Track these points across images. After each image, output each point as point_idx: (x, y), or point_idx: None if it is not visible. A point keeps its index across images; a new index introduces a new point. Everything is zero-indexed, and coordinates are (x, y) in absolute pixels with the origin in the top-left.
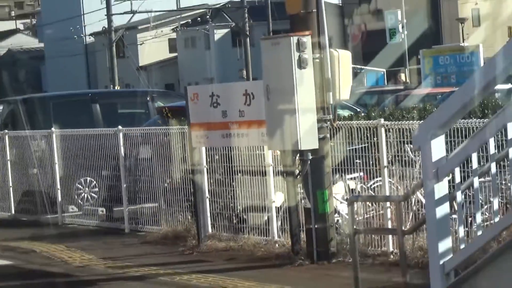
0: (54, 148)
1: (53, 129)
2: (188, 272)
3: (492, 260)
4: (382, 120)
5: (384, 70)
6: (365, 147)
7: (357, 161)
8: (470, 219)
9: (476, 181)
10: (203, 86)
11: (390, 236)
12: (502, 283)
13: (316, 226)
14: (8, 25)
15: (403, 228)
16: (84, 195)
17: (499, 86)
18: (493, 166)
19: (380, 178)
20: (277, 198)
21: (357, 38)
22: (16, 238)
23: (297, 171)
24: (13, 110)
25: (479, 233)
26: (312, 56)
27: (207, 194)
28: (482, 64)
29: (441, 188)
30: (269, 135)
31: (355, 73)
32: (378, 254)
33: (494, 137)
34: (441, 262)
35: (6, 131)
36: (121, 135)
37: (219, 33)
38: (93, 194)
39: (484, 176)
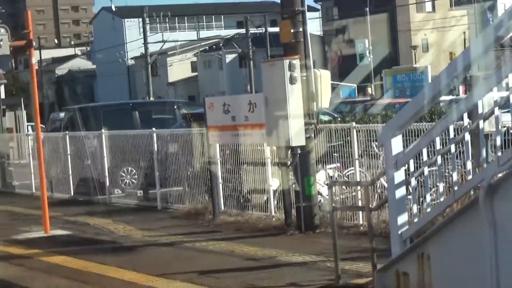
0: (103, 145)
1: (102, 130)
2: (206, 240)
3: (438, 231)
4: (354, 123)
5: (355, 85)
6: (341, 144)
7: (335, 154)
8: (422, 199)
9: (426, 170)
10: (217, 98)
11: (360, 212)
12: (444, 248)
13: (303, 205)
14: (69, 51)
15: (370, 206)
16: (126, 181)
17: (443, 98)
18: (439, 159)
19: (352, 168)
20: (274, 183)
21: (334, 61)
22: (74, 214)
23: (289, 162)
24: (72, 116)
25: (428, 210)
26: (300, 74)
27: (220, 180)
28: (430, 81)
29: (399, 175)
30: (267, 135)
31: (333, 88)
32: (351, 226)
33: (440, 136)
34: (400, 232)
35: (67, 132)
36: (154, 135)
37: (229, 57)
38: (133, 180)
39: (432, 166)
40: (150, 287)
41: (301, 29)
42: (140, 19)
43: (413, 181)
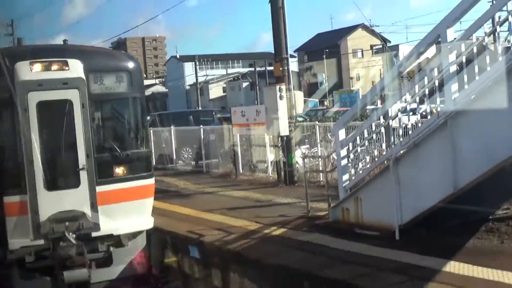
0: (172, 135)
1: (172, 127)
2: (232, 190)
3: (366, 184)
4: (317, 122)
5: (317, 100)
6: (309, 134)
7: (306, 140)
8: (356, 166)
9: (359, 149)
10: (238, 107)
11: (321, 173)
12: (370, 193)
13: (288, 169)
14: (152, 81)
15: (327, 169)
16: (185, 156)
17: (368, 107)
18: (366, 142)
19: (316, 148)
20: (271, 157)
21: (305, 86)
22: (156, 175)
23: (279, 145)
24: (154, 119)
25: (360, 172)
26: (285, 94)
27: (239, 155)
28: (360, 97)
29: (343, 152)
30: (267, 129)
31: (304, 101)
32: (316, 181)
33: (367, 129)
34: (344, 185)
35: (151, 128)
36: (201, 130)
37: (244, 84)
38: (189, 155)
39: (362, 146)
40: (199, 218)
41: (286, 68)
42: (193, 62)
43: (352, 155)
